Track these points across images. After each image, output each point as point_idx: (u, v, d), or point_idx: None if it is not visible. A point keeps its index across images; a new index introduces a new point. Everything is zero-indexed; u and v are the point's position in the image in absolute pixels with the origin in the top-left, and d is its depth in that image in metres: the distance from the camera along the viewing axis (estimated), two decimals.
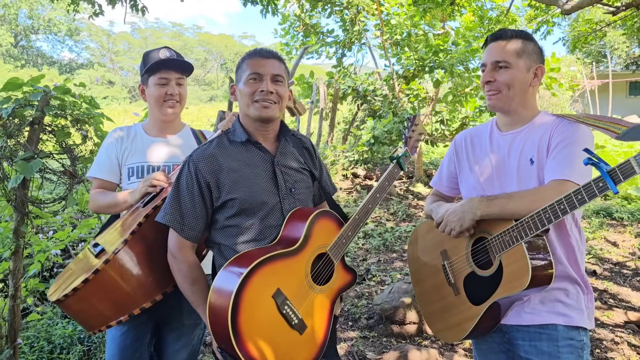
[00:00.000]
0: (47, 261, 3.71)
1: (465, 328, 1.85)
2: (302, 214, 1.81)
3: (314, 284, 1.73)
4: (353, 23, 9.31)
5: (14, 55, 44.37)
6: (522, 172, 1.79)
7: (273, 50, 1.90)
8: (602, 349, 3.80)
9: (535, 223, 1.60)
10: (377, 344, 3.92)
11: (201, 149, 1.83)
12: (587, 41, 8.56)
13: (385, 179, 2.06)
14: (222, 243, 1.81)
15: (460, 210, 1.79)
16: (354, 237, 1.91)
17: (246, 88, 1.80)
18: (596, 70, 21.93)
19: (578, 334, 1.74)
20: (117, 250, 1.78)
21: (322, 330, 1.74)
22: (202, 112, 19.59)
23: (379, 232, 6.90)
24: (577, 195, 1.49)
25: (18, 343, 3.07)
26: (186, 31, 57.33)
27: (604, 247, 6.35)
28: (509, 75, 1.79)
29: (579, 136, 1.71)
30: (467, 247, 1.87)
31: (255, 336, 1.52)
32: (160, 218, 1.77)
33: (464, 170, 2.03)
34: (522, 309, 1.78)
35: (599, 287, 5.02)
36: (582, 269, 1.78)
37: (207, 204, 1.78)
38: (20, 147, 2.83)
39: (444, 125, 9.77)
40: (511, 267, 1.69)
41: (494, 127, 1.96)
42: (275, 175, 1.84)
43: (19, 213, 2.92)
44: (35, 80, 2.89)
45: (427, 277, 2.08)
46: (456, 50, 8.03)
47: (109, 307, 1.79)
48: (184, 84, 2.34)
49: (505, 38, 1.82)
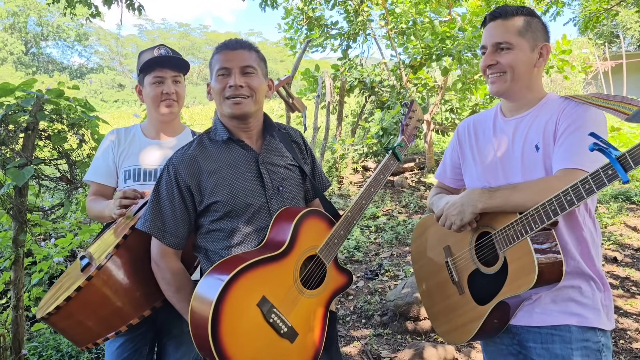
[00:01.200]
0: (50, 268, 3.66)
1: (471, 329, 1.72)
2: (288, 215, 1.69)
3: (303, 288, 1.63)
4: (357, 13, 9.15)
5: (25, 62, 44.90)
6: (527, 161, 1.65)
7: (243, 39, 1.78)
8: (626, 340, 3.65)
9: (541, 216, 1.45)
10: (392, 341, 3.81)
11: (181, 151, 1.74)
12: (598, 21, 8.30)
13: (380, 172, 1.91)
14: (208, 248, 1.72)
15: (460, 203, 1.66)
16: (347, 236, 1.79)
17: (216, 84, 1.71)
18: (609, 51, 21.47)
19: (594, 335, 1.59)
20: (100, 265, 1.68)
21: (315, 336, 1.63)
22: (209, 112, 19.56)
23: (390, 225, 6.77)
24: (585, 184, 1.33)
25: (23, 354, 3.03)
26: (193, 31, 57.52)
27: (624, 232, 6.16)
28: (512, 57, 1.65)
29: (588, 118, 1.56)
30: (471, 243, 1.74)
31: (240, 347, 1.42)
32: (140, 225, 1.69)
33: (467, 160, 1.90)
34: (533, 309, 1.64)
35: (621, 275, 4.86)
36: (597, 264, 1.64)
37: (189, 208, 1.69)
38: (15, 154, 2.76)
39: (453, 114, 9.61)
40: (516, 264, 1.55)
41: (498, 113, 1.83)
42: (260, 174, 1.73)
43: (17, 222, 2.86)
44: (27, 85, 2.81)
45: (430, 275, 1.96)
46: (463, 37, 7.84)
47: (95, 324, 1.71)
48: (181, 82, 2.25)
49: (506, 16, 1.67)
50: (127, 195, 1.93)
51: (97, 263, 1.71)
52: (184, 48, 49.82)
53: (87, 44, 51.95)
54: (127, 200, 1.93)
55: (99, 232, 2.18)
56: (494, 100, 8.93)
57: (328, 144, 9.75)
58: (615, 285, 4.58)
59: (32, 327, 3.37)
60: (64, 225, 4.49)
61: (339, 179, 9.48)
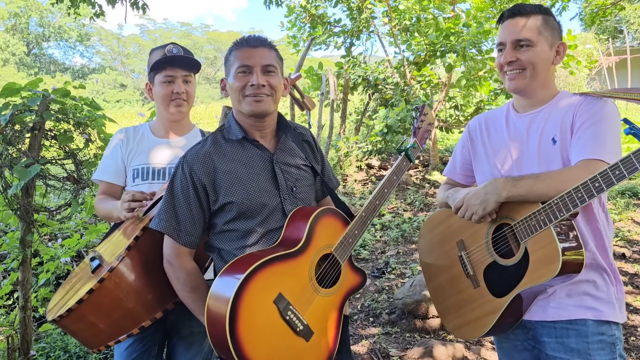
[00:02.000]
0: (57, 269, 3.64)
1: (486, 323, 1.72)
2: (303, 213, 1.68)
3: (319, 287, 1.61)
4: (360, 11, 9.11)
5: (27, 63, 44.94)
6: (544, 154, 1.67)
7: (262, 36, 1.75)
8: (637, 337, 3.62)
9: (566, 204, 1.46)
10: (400, 339, 3.79)
11: (195, 148, 1.70)
12: (605, 15, 8.24)
13: (394, 173, 1.93)
14: (222, 248, 1.70)
15: (483, 192, 1.65)
16: (361, 235, 1.77)
17: (236, 82, 1.67)
18: (613, 46, 21.36)
19: (609, 328, 1.61)
20: (112, 267, 1.66)
21: (331, 335, 1.62)
22: (212, 110, 19.55)
23: (396, 223, 6.75)
24: (615, 170, 1.34)
25: (32, 355, 3.01)
26: (195, 30, 57.47)
27: (632, 228, 6.12)
28: (533, 54, 1.66)
29: (607, 112, 1.58)
30: (488, 235, 1.74)
31: (256, 345, 1.41)
32: (155, 225, 1.66)
33: (479, 156, 1.90)
34: (548, 304, 1.65)
35: (629, 271, 4.82)
36: (610, 257, 1.65)
37: (204, 207, 1.66)
38: (21, 154, 2.75)
39: (458, 110, 9.56)
40: (539, 254, 1.55)
41: (510, 110, 1.84)
42: (274, 175, 1.71)
43: (24, 222, 2.85)
44: (33, 85, 2.79)
45: (441, 270, 1.96)
46: (468, 33, 7.79)
47: (106, 326, 1.68)
48: (191, 81, 2.23)
49: (525, 14, 1.68)
50: (135, 198, 1.91)
51: (108, 265, 1.69)
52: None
53: (89, 45, 51.93)
54: (136, 203, 1.90)
55: (107, 232, 2.16)
56: (499, 97, 8.88)
57: (332, 142, 9.72)
58: (624, 281, 4.54)
59: (39, 328, 3.36)
60: (70, 225, 4.48)
61: (343, 177, 9.45)
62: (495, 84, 8.75)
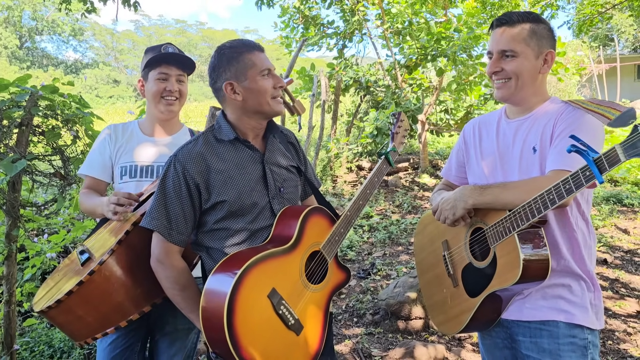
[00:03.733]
0: (43, 264, 3.65)
1: (462, 320, 1.80)
2: (293, 212, 1.74)
3: (308, 282, 1.67)
4: (353, 13, 9.17)
5: (19, 57, 44.58)
6: (525, 162, 1.71)
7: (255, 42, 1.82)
8: (614, 341, 3.69)
9: (527, 213, 1.52)
10: (383, 340, 3.84)
11: (186, 148, 1.73)
12: (592, 24, 8.36)
13: (375, 175, 2.03)
14: (210, 246, 1.73)
15: (453, 199, 1.73)
16: (346, 234, 1.85)
17: (264, 84, 1.71)
18: (603, 54, 21.58)
19: (582, 332, 1.65)
20: (102, 260, 1.68)
21: (318, 330, 1.67)
22: (205, 108, 19.51)
23: (384, 225, 6.80)
24: (565, 184, 1.40)
25: (15, 349, 3.03)
26: (190, 28, 57.31)
27: (615, 234, 6.22)
28: (517, 64, 1.69)
29: (583, 123, 1.61)
30: (466, 238, 1.81)
31: (252, 338, 1.46)
32: (146, 223, 1.68)
33: (471, 159, 1.96)
34: (524, 304, 1.70)
35: (610, 276, 4.91)
36: (588, 265, 1.69)
37: (196, 206, 1.69)
38: (9, 149, 2.76)
39: (448, 114, 9.64)
40: (504, 259, 1.62)
41: (502, 115, 1.89)
42: (264, 175, 1.76)
43: (10, 217, 2.86)
44: (21, 80, 2.81)
45: (430, 268, 2.04)
46: (459, 38, 7.87)
47: (94, 319, 1.70)
48: (185, 81, 2.26)
49: (511, 23, 1.70)
50: (120, 202, 1.91)
51: (98, 258, 1.71)
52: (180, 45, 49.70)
53: (82, 39, 51.61)
54: (121, 207, 1.91)
55: (94, 227, 2.18)
56: (489, 102, 8.97)
57: (323, 143, 9.76)
58: (604, 286, 4.63)
59: (24, 323, 3.37)
60: (57, 221, 4.49)
61: (333, 178, 9.50)
62: (485, 89, 8.84)
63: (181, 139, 2.29)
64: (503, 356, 1.85)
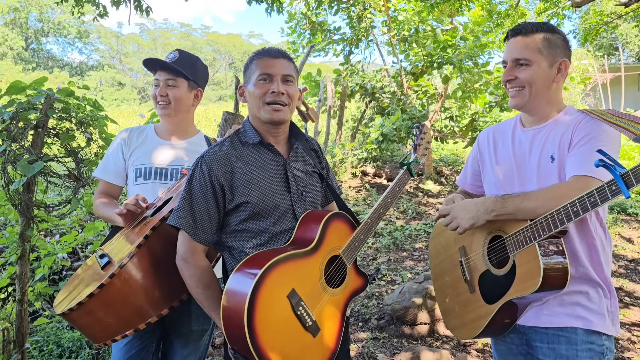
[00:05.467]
0: (54, 264, 3.69)
1: (478, 326, 1.81)
2: (315, 216, 1.78)
3: (327, 286, 1.70)
4: (360, 20, 9.23)
5: (25, 58, 44.78)
6: (543, 170, 1.73)
7: (281, 49, 1.85)
8: (618, 349, 3.71)
9: (549, 224, 1.54)
10: (388, 345, 3.87)
11: (213, 150, 1.77)
12: (598, 34, 8.40)
13: (396, 185, 2.07)
14: (233, 247, 1.77)
15: (475, 209, 1.73)
16: (366, 240, 1.88)
17: (256, 90, 1.75)
18: (608, 63, 21.61)
19: (599, 338, 1.67)
20: (123, 264, 1.72)
21: (334, 333, 1.70)
22: (210, 112, 19.59)
23: (388, 230, 6.83)
24: (590, 197, 1.41)
25: (26, 347, 3.06)
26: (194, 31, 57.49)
27: (619, 243, 6.24)
28: (530, 73, 1.71)
29: (602, 132, 1.63)
30: (484, 245, 1.82)
31: (270, 336, 1.49)
32: (173, 221, 1.72)
33: (486, 168, 1.98)
34: (541, 311, 1.72)
35: (615, 285, 4.92)
36: (605, 272, 1.71)
37: (220, 206, 1.73)
38: (24, 151, 2.81)
39: (453, 121, 9.67)
40: (524, 268, 1.63)
41: (517, 123, 1.90)
42: (287, 179, 1.80)
43: (24, 217, 2.90)
44: (38, 83, 2.86)
45: (445, 272, 2.06)
46: (465, 46, 7.93)
47: (114, 321, 1.73)
48: (177, 85, 2.26)
49: (526, 33, 1.73)
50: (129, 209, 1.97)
51: (118, 262, 1.75)
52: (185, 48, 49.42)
53: (88, 42, 51.83)
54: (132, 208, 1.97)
55: (109, 233, 2.22)
56: (494, 109, 9.00)
57: (328, 148, 9.80)
58: None
59: (34, 322, 3.40)
60: (66, 222, 4.52)
61: (337, 183, 9.53)
62: (490, 97, 8.88)
63: (197, 143, 2.34)
64: None
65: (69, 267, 4.30)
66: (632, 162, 8.45)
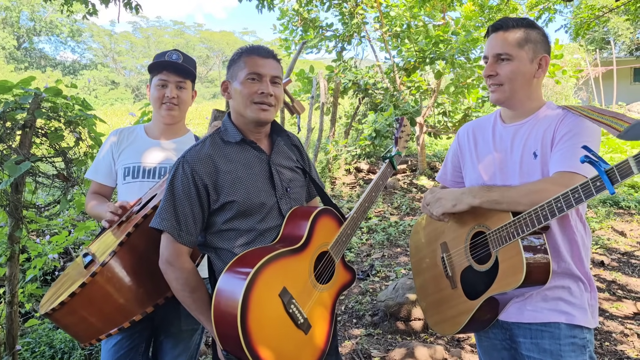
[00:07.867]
0: (45, 265, 3.67)
1: (460, 321, 1.83)
2: (303, 213, 1.77)
3: (317, 282, 1.70)
4: (352, 16, 9.21)
5: (17, 57, 44.48)
6: (525, 166, 1.73)
7: (270, 49, 1.83)
8: (611, 342, 3.72)
9: (532, 219, 1.54)
10: (382, 341, 3.87)
11: (195, 149, 1.74)
12: (589, 27, 8.42)
13: (380, 178, 2.09)
14: (219, 247, 1.75)
15: (460, 192, 1.74)
16: (352, 235, 1.89)
17: (244, 88, 1.73)
18: (600, 57, 21.68)
19: (581, 332, 1.69)
20: (104, 262, 1.70)
21: (325, 329, 1.70)
22: (203, 110, 19.53)
23: (382, 226, 6.83)
24: (574, 193, 1.42)
25: (17, 349, 3.04)
26: (187, 29, 57.25)
27: (612, 237, 6.26)
28: (511, 68, 1.72)
29: (585, 128, 1.64)
30: (466, 241, 1.83)
31: (263, 336, 1.48)
32: (156, 224, 1.68)
33: (467, 164, 1.98)
34: (524, 306, 1.73)
35: (607, 278, 4.95)
36: (585, 266, 1.73)
37: (204, 206, 1.70)
38: (12, 151, 2.78)
39: (446, 116, 9.69)
40: (506, 264, 1.64)
41: (497, 119, 1.90)
42: (271, 176, 1.79)
43: (13, 218, 2.88)
44: (25, 83, 2.83)
45: (426, 269, 2.06)
46: (457, 41, 7.93)
47: (98, 320, 1.72)
48: (186, 88, 2.30)
49: (506, 28, 1.74)
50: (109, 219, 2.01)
51: (100, 260, 1.74)
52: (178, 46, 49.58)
53: (81, 40, 51.52)
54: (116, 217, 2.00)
55: (99, 232, 2.21)
56: (486, 104, 9.02)
57: (321, 144, 9.79)
58: (601, 288, 4.66)
59: (25, 324, 3.38)
60: (57, 222, 4.50)
61: (331, 180, 9.52)
62: (482, 92, 8.89)
63: (186, 143, 2.33)
64: (501, 357, 1.88)
65: (60, 268, 4.27)
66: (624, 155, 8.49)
